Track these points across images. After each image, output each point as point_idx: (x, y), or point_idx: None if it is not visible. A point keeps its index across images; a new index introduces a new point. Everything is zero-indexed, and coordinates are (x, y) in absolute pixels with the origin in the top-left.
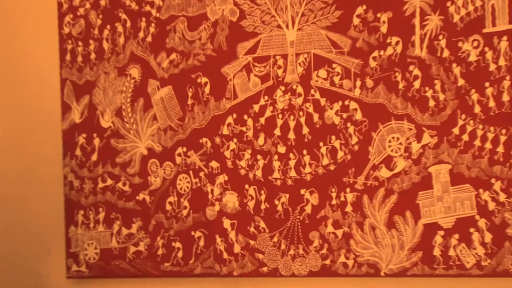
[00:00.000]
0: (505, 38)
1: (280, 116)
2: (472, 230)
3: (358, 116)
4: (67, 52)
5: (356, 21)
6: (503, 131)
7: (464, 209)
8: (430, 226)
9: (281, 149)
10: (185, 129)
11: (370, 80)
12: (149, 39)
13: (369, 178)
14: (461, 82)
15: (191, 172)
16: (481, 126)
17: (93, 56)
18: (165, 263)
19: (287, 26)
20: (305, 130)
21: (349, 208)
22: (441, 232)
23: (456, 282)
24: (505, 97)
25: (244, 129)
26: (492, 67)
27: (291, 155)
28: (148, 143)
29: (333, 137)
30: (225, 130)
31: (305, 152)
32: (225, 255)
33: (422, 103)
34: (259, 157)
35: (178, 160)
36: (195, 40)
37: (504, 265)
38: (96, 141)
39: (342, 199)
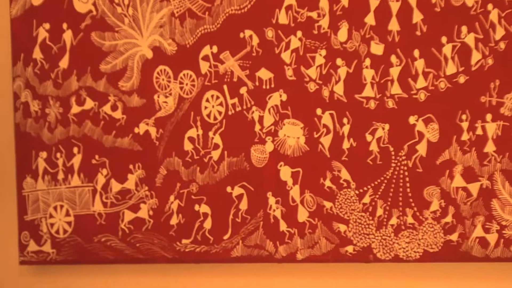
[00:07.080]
0: None
1: None
2: None
3: None
4: None
5: None
6: None
7: None
8: None
9: (376, 48)
10: (216, 16)
11: None
12: None
13: None
14: None
15: (225, 88)
16: None
17: None
18: (183, 240)
19: None
20: (417, 17)
21: (490, 148)
22: None
23: None
24: None
25: (314, 15)
26: None
27: (392, 58)
28: (153, 39)
29: (464, 28)
30: (282, 18)
31: (416, 53)
32: (282, 227)
33: None
34: (339, 62)
35: (204, 67)
36: None
37: None
38: (67, 36)
39: (479, 132)
